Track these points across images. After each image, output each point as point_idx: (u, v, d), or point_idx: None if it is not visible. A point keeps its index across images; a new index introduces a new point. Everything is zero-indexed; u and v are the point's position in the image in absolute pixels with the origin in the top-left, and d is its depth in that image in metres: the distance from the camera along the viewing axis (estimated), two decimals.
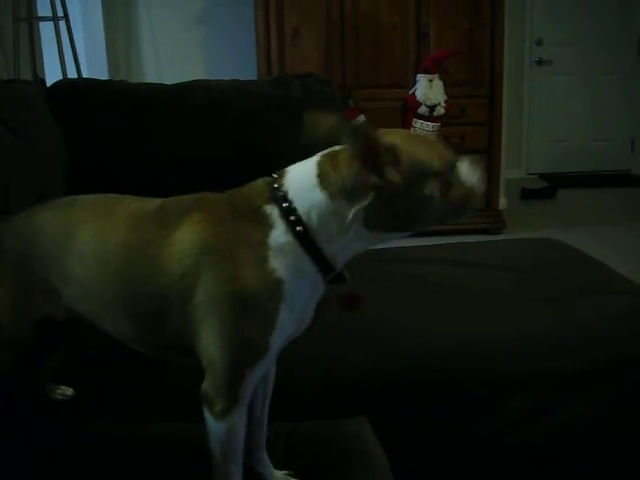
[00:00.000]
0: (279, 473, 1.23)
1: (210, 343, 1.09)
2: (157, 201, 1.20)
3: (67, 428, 1.37)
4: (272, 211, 1.09)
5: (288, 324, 1.09)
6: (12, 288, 1.23)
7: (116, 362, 1.55)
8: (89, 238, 1.18)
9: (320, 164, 1.10)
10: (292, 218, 1.07)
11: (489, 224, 4.84)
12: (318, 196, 1.08)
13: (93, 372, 1.57)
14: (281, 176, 1.12)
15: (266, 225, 1.08)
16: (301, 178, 1.10)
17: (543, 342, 1.67)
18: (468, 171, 1.15)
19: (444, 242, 2.56)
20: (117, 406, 1.52)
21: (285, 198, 1.09)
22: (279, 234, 1.08)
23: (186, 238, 1.10)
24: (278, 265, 1.07)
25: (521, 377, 1.61)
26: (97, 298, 1.19)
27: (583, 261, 2.17)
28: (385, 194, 1.06)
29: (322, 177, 1.08)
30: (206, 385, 1.11)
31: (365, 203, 1.07)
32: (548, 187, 6.21)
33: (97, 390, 1.54)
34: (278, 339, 1.09)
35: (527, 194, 6.09)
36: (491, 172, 4.82)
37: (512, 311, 1.78)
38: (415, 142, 1.12)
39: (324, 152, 1.12)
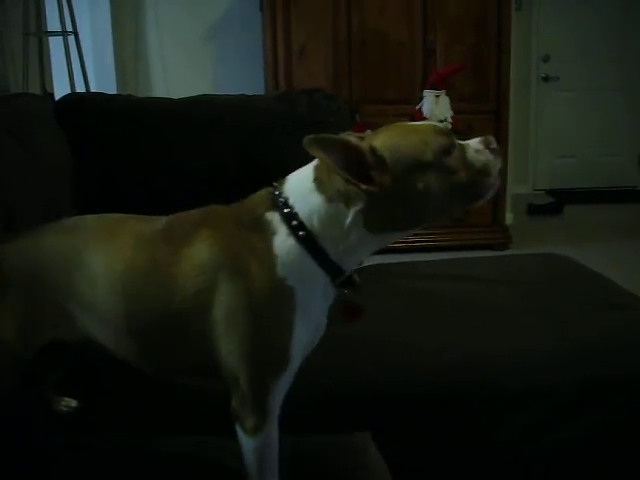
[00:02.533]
0: None
1: (231, 359, 1.09)
2: (162, 219, 1.20)
3: (72, 440, 1.36)
4: (273, 218, 1.09)
5: (305, 332, 1.09)
6: (21, 309, 1.20)
7: (122, 373, 1.55)
8: (96, 262, 1.17)
9: (316, 168, 1.10)
10: (294, 223, 1.07)
11: (495, 239, 4.84)
12: (316, 200, 1.08)
13: (98, 383, 1.56)
14: (281, 184, 1.12)
15: (269, 233, 1.08)
16: (300, 183, 1.10)
17: (548, 357, 1.66)
18: (475, 150, 1.10)
19: (449, 257, 2.56)
20: (123, 418, 1.52)
21: (286, 204, 1.09)
22: (282, 240, 1.08)
23: (197, 255, 1.10)
24: (287, 273, 1.07)
25: (526, 392, 1.60)
26: (110, 322, 1.17)
27: (589, 276, 2.17)
28: (379, 196, 1.05)
29: (318, 181, 1.08)
30: (234, 403, 1.11)
31: (361, 206, 1.05)
32: (555, 203, 6.20)
33: (103, 401, 1.53)
34: (298, 348, 1.09)
35: (534, 210, 6.08)
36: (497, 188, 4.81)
37: (516, 326, 1.78)
38: (399, 136, 1.09)
39: None
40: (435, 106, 4.33)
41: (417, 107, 4.44)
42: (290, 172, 1.17)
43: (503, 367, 1.62)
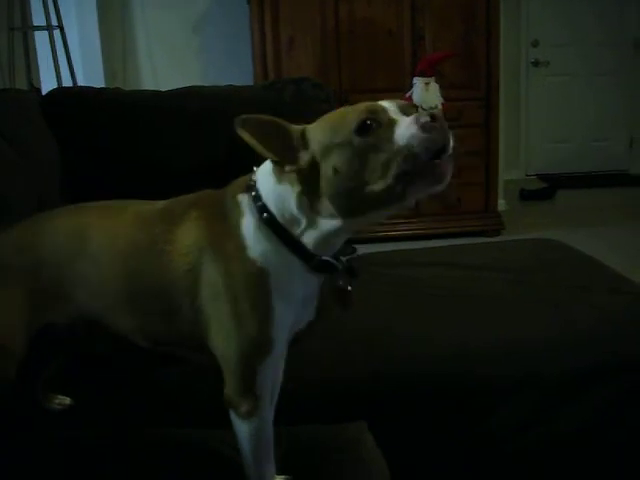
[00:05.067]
0: (279, 478, 1.22)
1: (219, 339, 1.11)
2: (162, 202, 1.23)
3: (67, 436, 1.36)
4: (243, 200, 1.11)
5: (286, 314, 1.09)
6: (12, 297, 1.21)
7: (115, 369, 1.55)
8: (101, 239, 1.20)
9: None
10: (259, 204, 1.09)
11: (488, 226, 4.84)
12: (271, 182, 1.09)
13: (91, 380, 1.56)
14: (258, 168, 1.14)
15: (239, 215, 1.10)
16: (266, 166, 1.11)
17: (542, 344, 1.66)
18: (404, 127, 0.98)
19: (442, 244, 2.55)
20: (116, 413, 1.51)
21: (253, 187, 1.10)
22: (249, 222, 1.09)
23: (187, 235, 1.12)
24: (257, 255, 1.08)
25: (521, 380, 1.60)
26: (109, 296, 1.20)
27: (582, 261, 2.17)
28: (307, 178, 1.04)
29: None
30: (226, 388, 1.13)
31: (299, 187, 1.06)
32: (547, 188, 6.21)
33: (96, 398, 1.53)
34: (279, 331, 1.09)
35: (526, 195, 6.09)
36: (489, 174, 4.83)
37: (510, 313, 1.78)
38: (328, 117, 1.07)
39: None
40: (425, 93, 4.31)
41: (407, 94, 4.43)
42: None
43: (496, 356, 1.62)
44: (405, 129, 0.98)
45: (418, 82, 4.37)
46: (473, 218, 4.85)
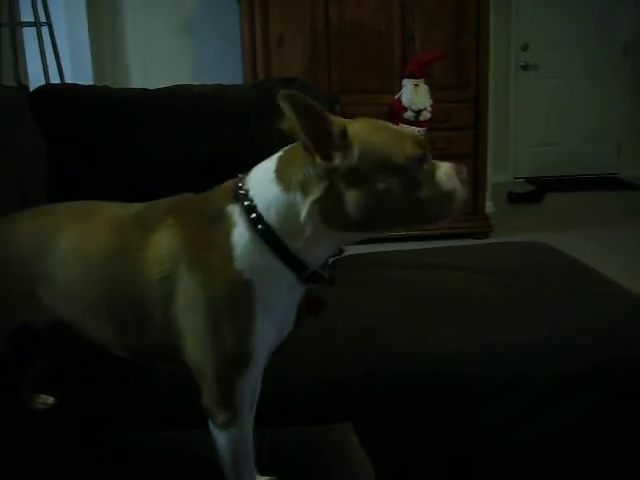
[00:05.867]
0: (263, 478, 1.21)
1: (195, 352, 1.08)
2: (136, 205, 1.20)
3: (51, 437, 1.35)
4: (234, 210, 1.07)
5: (268, 327, 1.07)
6: None
7: (98, 369, 1.54)
8: (71, 243, 1.17)
9: (280, 159, 1.08)
10: (253, 216, 1.05)
11: (476, 228, 4.85)
12: (274, 190, 1.05)
13: (75, 379, 1.55)
14: (245, 175, 1.10)
15: (229, 226, 1.06)
16: (261, 174, 1.08)
17: (529, 346, 1.66)
18: (446, 174, 1.07)
19: (429, 246, 2.55)
20: (101, 414, 1.50)
21: (246, 196, 1.06)
22: (241, 233, 1.05)
23: (162, 243, 1.09)
24: (245, 266, 1.05)
25: (508, 381, 1.60)
26: (79, 303, 1.17)
27: (569, 264, 2.17)
28: (337, 185, 1.02)
29: (279, 171, 1.06)
30: (204, 398, 1.10)
31: (317, 195, 1.02)
32: (535, 191, 6.24)
33: (80, 398, 1.52)
34: (260, 344, 1.07)
35: (514, 198, 6.11)
36: (477, 176, 4.83)
37: (498, 315, 1.78)
38: (378, 130, 1.06)
39: (288, 146, 1.09)
40: (414, 95, 4.33)
41: (396, 96, 4.44)
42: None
43: (483, 357, 1.62)
44: (448, 178, 1.07)
45: (407, 84, 4.38)
46: (461, 220, 4.84)
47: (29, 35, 4.50)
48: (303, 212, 1.03)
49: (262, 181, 1.07)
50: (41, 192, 2.00)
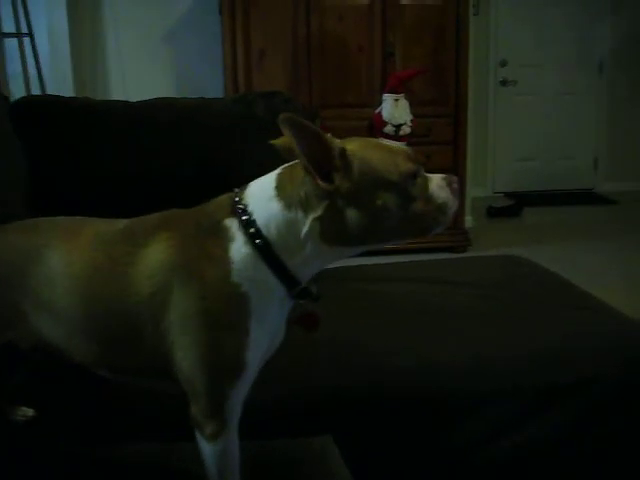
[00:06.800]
0: None
1: (186, 364, 1.08)
2: (123, 221, 1.19)
3: (31, 450, 1.34)
4: (232, 224, 1.08)
5: (261, 339, 1.08)
6: None
7: (79, 380, 1.53)
8: (56, 260, 1.16)
9: (279, 176, 1.10)
10: (252, 230, 1.07)
11: (455, 242, 4.87)
12: (275, 207, 1.07)
13: (55, 391, 1.54)
14: (243, 190, 1.12)
15: (226, 239, 1.07)
16: (260, 191, 1.09)
17: (507, 359, 1.67)
18: (438, 186, 1.11)
19: (409, 259, 2.57)
20: (82, 426, 1.49)
21: (245, 211, 1.08)
22: (239, 247, 1.07)
23: (154, 256, 1.09)
24: (242, 280, 1.06)
25: (485, 394, 1.61)
26: (66, 322, 1.16)
27: (546, 278, 2.19)
28: (338, 204, 1.05)
29: (279, 188, 1.08)
30: (193, 409, 1.10)
31: (319, 213, 1.05)
32: (513, 205, 6.28)
33: (60, 410, 1.51)
34: (253, 355, 1.08)
35: (493, 212, 6.15)
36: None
37: (476, 328, 1.79)
38: (373, 149, 1.09)
39: (286, 164, 1.11)
40: (395, 109, 4.35)
41: (377, 111, 4.46)
42: (247, 174, 1.16)
43: (462, 370, 1.63)
44: (440, 190, 1.11)
45: (388, 98, 4.40)
46: (440, 234, 4.80)
47: (10, 46, 4.50)
48: (304, 230, 1.06)
49: (262, 197, 1.08)
50: (20, 204, 1.99)
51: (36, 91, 4.31)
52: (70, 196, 2.06)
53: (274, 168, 1.13)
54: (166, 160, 2.14)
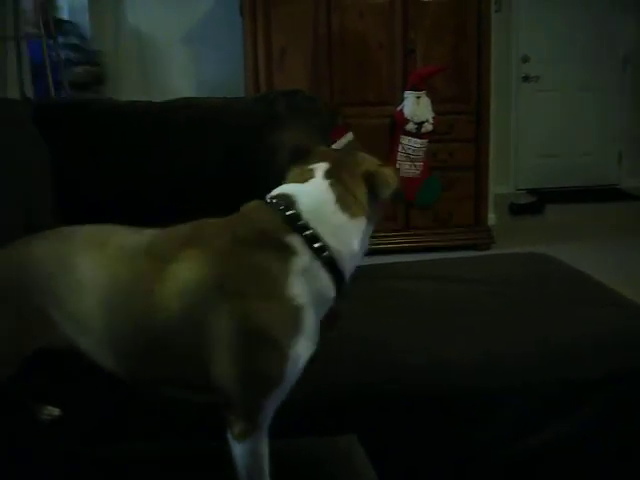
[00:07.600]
0: None
1: (224, 379, 1.08)
2: (150, 232, 1.18)
3: (56, 449, 1.35)
4: (293, 240, 1.08)
5: (305, 352, 1.09)
6: (8, 319, 1.19)
7: (105, 381, 1.53)
8: (84, 271, 1.15)
9: (333, 188, 1.13)
10: (317, 245, 1.08)
11: (478, 240, 4.85)
12: (341, 220, 1.11)
13: (82, 391, 1.54)
14: (289, 202, 1.11)
15: (287, 252, 1.07)
16: (320, 205, 1.12)
17: (532, 357, 1.66)
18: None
19: (432, 258, 2.56)
20: (106, 426, 1.50)
21: (306, 227, 1.09)
22: (303, 260, 1.07)
23: (184, 274, 1.07)
24: (299, 291, 1.06)
25: (511, 392, 1.60)
26: (93, 333, 1.16)
27: (571, 275, 2.17)
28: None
29: (341, 201, 1.12)
30: (227, 411, 1.11)
31: (377, 217, 1.16)
32: (536, 202, 6.23)
33: (86, 410, 1.52)
34: (295, 369, 1.08)
35: (516, 209, 6.11)
36: (479, 188, 4.85)
37: (500, 326, 1.78)
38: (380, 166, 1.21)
39: (324, 174, 1.14)
40: (416, 107, 4.31)
41: (398, 108, 4.43)
42: (270, 174, 1.17)
43: (485, 367, 1.62)
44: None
45: (410, 96, 4.36)
46: (463, 232, 4.86)
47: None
48: (367, 234, 1.15)
49: (325, 212, 1.11)
50: (47, 208, 2.00)
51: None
52: (94, 197, 2.07)
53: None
54: (188, 160, 2.14)
